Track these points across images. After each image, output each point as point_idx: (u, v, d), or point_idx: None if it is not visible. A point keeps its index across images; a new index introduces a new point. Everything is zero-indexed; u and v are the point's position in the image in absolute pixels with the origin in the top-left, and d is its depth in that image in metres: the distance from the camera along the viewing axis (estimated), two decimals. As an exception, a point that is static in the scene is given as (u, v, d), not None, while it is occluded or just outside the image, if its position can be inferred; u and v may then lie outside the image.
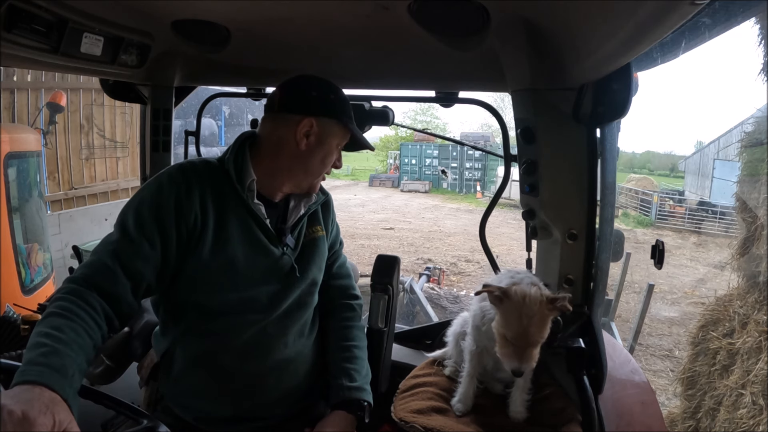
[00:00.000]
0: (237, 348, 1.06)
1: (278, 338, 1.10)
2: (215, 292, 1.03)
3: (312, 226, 1.21)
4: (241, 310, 1.05)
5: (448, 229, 11.86)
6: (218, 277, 1.03)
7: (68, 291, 0.88)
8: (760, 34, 2.79)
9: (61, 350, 0.77)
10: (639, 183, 17.53)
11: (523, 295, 0.98)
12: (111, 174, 5.74)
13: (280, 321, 1.10)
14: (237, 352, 1.06)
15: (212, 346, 1.05)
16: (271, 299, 1.09)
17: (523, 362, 0.99)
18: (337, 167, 1.15)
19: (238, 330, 1.06)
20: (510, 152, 1.33)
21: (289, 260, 1.12)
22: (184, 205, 0.99)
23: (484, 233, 1.43)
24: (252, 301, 1.06)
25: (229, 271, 1.03)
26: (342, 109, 1.10)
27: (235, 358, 1.06)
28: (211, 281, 1.02)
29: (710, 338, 3.19)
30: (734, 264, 3.29)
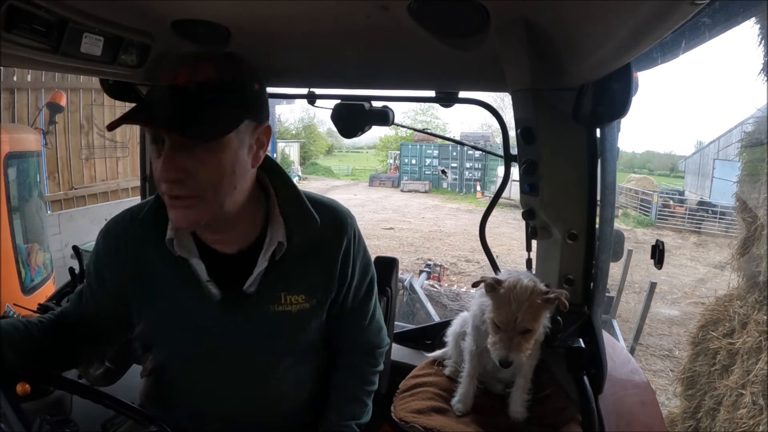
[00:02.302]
0: (199, 391, 0.96)
1: (243, 383, 0.94)
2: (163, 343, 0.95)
3: (285, 291, 0.90)
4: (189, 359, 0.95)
5: (448, 229, 11.86)
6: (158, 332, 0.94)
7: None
8: (760, 34, 2.79)
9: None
10: (639, 183, 17.53)
11: (514, 282, 1.00)
12: (111, 174, 5.74)
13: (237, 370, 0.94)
14: (199, 396, 0.96)
15: (178, 388, 0.98)
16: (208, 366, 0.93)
17: (511, 351, 0.99)
18: (157, 178, 0.77)
19: (192, 375, 0.95)
20: (510, 152, 1.33)
21: (232, 338, 0.90)
22: (111, 273, 0.93)
23: (484, 233, 1.43)
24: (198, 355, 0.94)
25: (153, 339, 0.95)
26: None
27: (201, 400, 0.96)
28: (156, 334, 0.95)
29: (710, 338, 3.19)
30: (734, 264, 3.29)
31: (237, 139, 0.79)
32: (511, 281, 1.02)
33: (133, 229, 0.92)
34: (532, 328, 1.01)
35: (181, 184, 0.76)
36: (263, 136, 0.85)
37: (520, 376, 1.13)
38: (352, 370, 1.05)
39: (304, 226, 0.91)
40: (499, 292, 1.02)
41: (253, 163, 0.85)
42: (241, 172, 0.82)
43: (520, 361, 1.02)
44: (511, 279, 1.02)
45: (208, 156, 0.76)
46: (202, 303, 0.88)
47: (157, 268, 0.89)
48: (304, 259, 0.92)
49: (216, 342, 0.90)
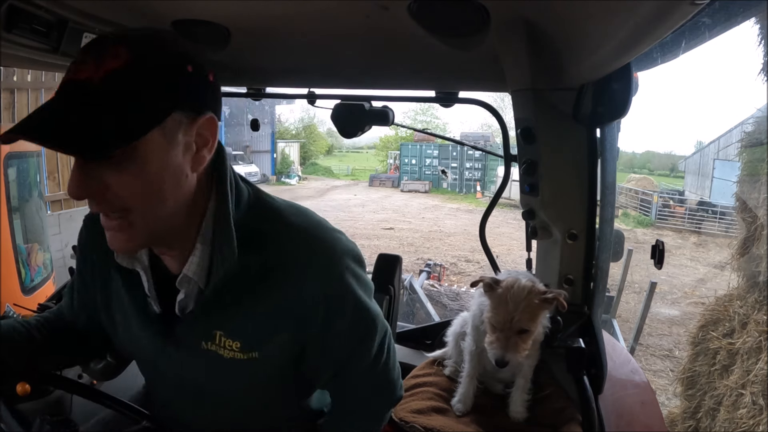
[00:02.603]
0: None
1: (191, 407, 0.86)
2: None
3: (221, 330, 0.73)
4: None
5: (448, 229, 11.86)
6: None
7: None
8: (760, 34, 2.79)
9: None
10: (639, 183, 17.52)
11: (512, 282, 1.00)
12: (111, 174, 5.73)
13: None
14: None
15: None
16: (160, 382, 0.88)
17: (507, 351, 1.00)
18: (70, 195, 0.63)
19: (150, 384, 0.94)
20: (510, 152, 1.33)
21: (169, 363, 0.80)
22: (86, 280, 0.89)
23: (484, 233, 1.43)
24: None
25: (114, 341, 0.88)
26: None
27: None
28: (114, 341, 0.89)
29: (710, 338, 3.19)
30: (734, 264, 3.29)
31: (163, 139, 0.63)
32: (509, 281, 1.02)
33: (93, 234, 0.83)
34: (529, 329, 1.01)
35: (100, 202, 0.63)
36: (206, 130, 0.67)
37: (520, 376, 1.13)
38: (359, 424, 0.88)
39: (222, 260, 0.70)
40: (497, 292, 1.02)
41: (194, 167, 0.68)
42: (174, 179, 0.65)
43: (517, 360, 1.02)
44: (509, 279, 1.03)
45: (126, 166, 0.61)
46: (144, 320, 0.79)
47: (115, 273, 0.81)
48: (246, 300, 0.72)
49: (156, 359, 0.81)
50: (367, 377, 0.84)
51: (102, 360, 1.18)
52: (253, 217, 0.74)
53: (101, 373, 1.19)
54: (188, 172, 0.68)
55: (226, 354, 0.74)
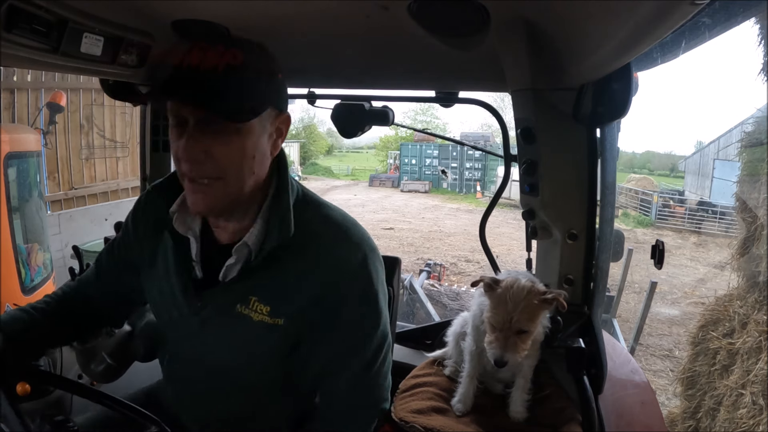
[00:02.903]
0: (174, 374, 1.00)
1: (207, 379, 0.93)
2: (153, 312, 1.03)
3: (257, 296, 0.84)
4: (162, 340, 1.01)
5: (448, 229, 11.87)
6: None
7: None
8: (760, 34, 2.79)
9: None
10: (639, 183, 17.53)
11: (512, 283, 1.00)
12: (111, 174, 5.74)
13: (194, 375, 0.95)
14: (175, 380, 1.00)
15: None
16: (180, 345, 0.96)
17: (506, 351, 1.00)
18: (178, 160, 0.78)
19: (171, 351, 1.00)
20: (510, 152, 1.33)
21: (197, 324, 0.89)
22: (131, 243, 1.00)
23: (484, 233, 1.43)
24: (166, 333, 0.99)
25: (149, 300, 1.00)
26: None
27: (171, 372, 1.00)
28: (152, 306, 1.02)
29: (710, 338, 3.19)
30: (734, 264, 3.29)
31: (260, 125, 0.79)
32: (509, 281, 1.02)
33: (155, 202, 0.95)
34: (528, 329, 1.01)
35: (201, 165, 0.76)
36: (283, 125, 0.85)
37: (520, 376, 1.13)
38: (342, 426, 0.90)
39: (279, 231, 0.83)
40: (497, 292, 1.02)
41: (272, 151, 0.84)
42: (260, 158, 0.81)
43: (516, 361, 1.03)
44: (509, 279, 1.03)
45: (232, 139, 0.76)
46: (185, 282, 0.89)
47: (167, 239, 0.92)
48: (284, 272, 0.84)
49: (188, 322, 0.90)
50: (358, 379, 0.88)
51: (102, 362, 1.19)
52: (298, 204, 0.87)
53: (101, 375, 1.19)
54: (269, 155, 0.84)
55: (256, 317, 0.84)
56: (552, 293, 1.00)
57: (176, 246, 0.90)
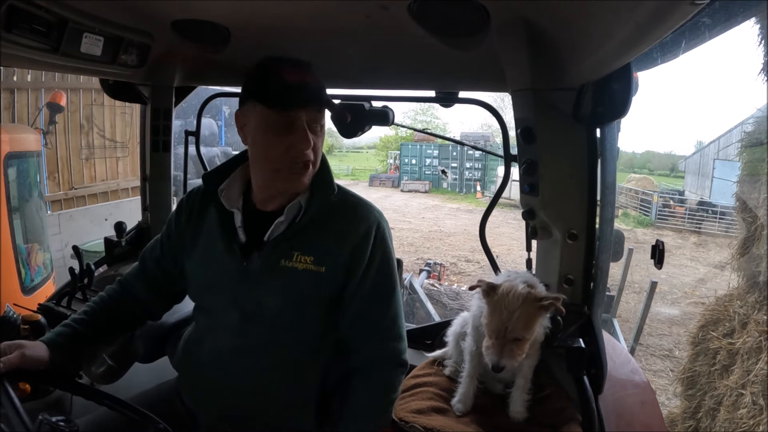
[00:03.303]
0: (209, 350, 1.06)
1: (239, 357, 1.02)
2: (193, 295, 1.14)
3: (298, 250, 1.00)
4: (203, 316, 1.11)
5: (448, 229, 11.87)
6: (189, 283, 1.11)
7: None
8: (760, 34, 2.79)
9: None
10: (639, 183, 17.53)
11: (508, 290, 1.00)
12: (111, 174, 5.74)
13: (237, 339, 1.03)
14: (210, 355, 1.05)
15: (197, 344, 1.10)
16: (224, 311, 1.04)
17: (502, 357, 1.00)
18: (300, 150, 0.95)
19: (205, 333, 1.09)
20: (510, 152, 1.33)
21: (244, 282, 1.01)
22: (173, 233, 1.13)
23: (484, 233, 1.43)
24: (208, 310, 1.09)
25: (192, 278, 1.10)
26: (260, 85, 0.97)
27: (209, 360, 1.05)
28: (189, 287, 1.13)
29: (710, 338, 3.19)
30: (734, 264, 3.29)
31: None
32: (505, 288, 1.01)
33: (205, 190, 1.10)
34: (523, 337, 1.01)
35: (312, 153, 0.97)
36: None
37: (520, 376, 1.13)
38: (368, 375, 1.02)
39: (323, 193, 1.03)
40: (493, 299, 1.01)
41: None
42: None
43: (513, 366, 1.03)
44: (506, 285, 1.02)
45: (322, 132, 1.00)
46: (231, 247, 1.02)
47: (210, 216, 1.06)
48: (323, 228, 1.01)
49: (234, 286, 1.02)
50: (384, 330, 1.04)
51: (103, 363, 1.19)
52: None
53: (102, 377, 1.19)
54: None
55: (300, 266, 0.99)
56: (549, 299, 1.00)
57: (221, 219, 1.04)
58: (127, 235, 1.81)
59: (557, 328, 1.10)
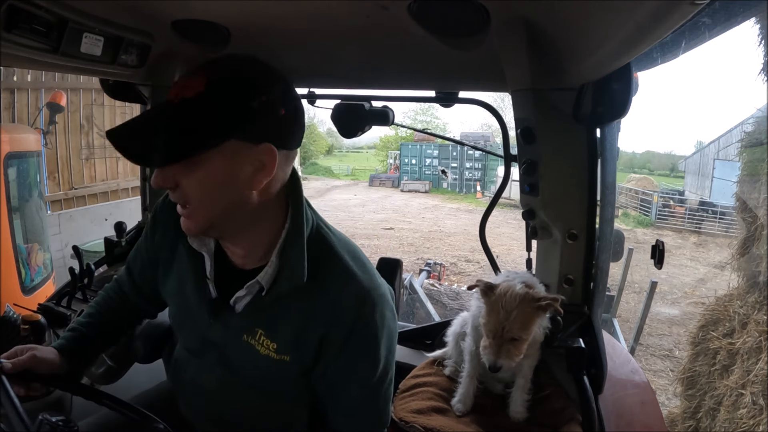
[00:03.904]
0: (191, 379, 0.98)
1: (220, 393, 0.93)
2: (170, 318, 1.03)
3: (262, 329, 0.85)
4: (181, 343, 1.02)
5: (448, 229, 11.87)
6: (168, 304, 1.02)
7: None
8: (760, 34, 2.79)
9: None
10: (639, 183, 17.52)
11: (506, 290, 1.00)
12: (111, 174, 5.73)
13: (216, 379, 0.93)
14: (193, 385, 0.98)
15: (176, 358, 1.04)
16: (201, 349, 0.95)
17: (499, 357, 1.00)
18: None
19: (187, 359, 1.00)
20: (510, 152, 1.33)
21: (216, 335, 0.89)
22: (150, 247, 1.02)
23: (484, 233, 1.43)
24: (185, 341, 1.00)
25: (168, 303, 1.01)
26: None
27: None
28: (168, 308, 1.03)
29: (710, 338, 3.19)
30: (734, 264, 3.29)
31: (221, 157, 0.74)
32: (503, 288, 1.01)
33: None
34: (520, 337, 1.01)
35: (174, 193, 0.79)
36: (265, 157, 0.76)
37: (520, 376, 1.13)
38: None
39: (291, 277, 0.82)
40: (491, 299, 1.02)
41: (251, 186, 0.78)
42: (225, 191, 0.77)
43: (510, 366, 1.03)
44: (503, 285, 1.02)
45: (188, 171, 0.75)
46: (201, 299, 0.90)
47: (183, 252, 0.92)
48: (290, 310, 0.83)
49: (204, 339, 0.92)
50: (358, 417, 0.88)
51: (103, 364, 1.19)
52: (312, 245, 0.85)
53: (102, 377, 1.19)
54: (245, 190, 0.78)
55: (262, 351, 0.85)
56: (547, 300, 1.00)
57: (191, 260, 0.90)
58: (127, 235, 1.81)
59: (557, 328, 1.10)
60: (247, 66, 0.77)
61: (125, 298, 1.10)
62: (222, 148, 0.74)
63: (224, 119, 0.74)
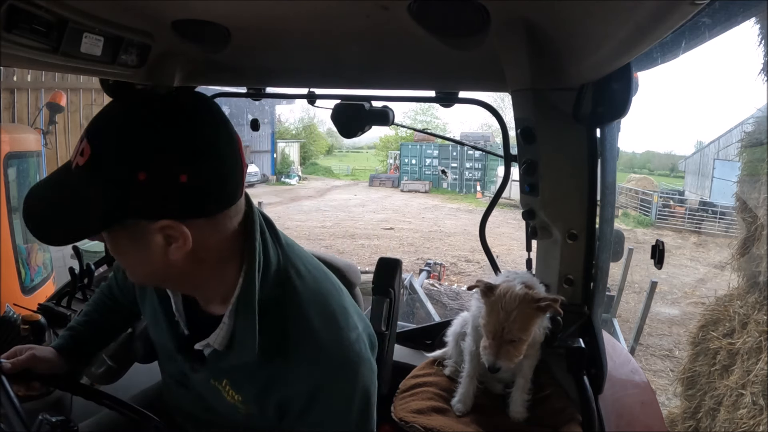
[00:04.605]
0: (178, 400, 0.97)
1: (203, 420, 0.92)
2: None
3: (228, 378, 0.81)
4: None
5: (448, 229, 11.86)
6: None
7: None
8: (760, 34, 2.79)
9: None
10: (639, 183, 17.52)
11: (505, 290, 1.00)
12: (111, 174, 5.73)
13: (199, 403, 0.92)
14: (180, 406, 0.98)
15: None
16: (181, 377, 0.93)
17: (498, 358, 1.01)
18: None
19: (171, 391, 0.99)
20: (510, 152, 1.33)
21: (191, 371, 0.86)
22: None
23: (484, 233, 1.43)
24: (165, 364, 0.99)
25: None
26: None
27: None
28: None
29: (710, 338, 3.19)
30: (734, 264, 3.29)
31: (125, 233, 0.68)
32: (503, 289, 1.01)
33: None
34: (520, 338, 1.01)
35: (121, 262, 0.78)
36: (171, 232, 0.67)
37: (520, 376, 1.13)
38: None
39: (242, 352, 0.76)
40: (491, 299, 1.02)
41: (172, 257, 0.69)
42: (144, 264, 0.72)
43: (509, 367, 1.03)
44: (503, 286, 1.02)
45: (109, 242, 0.71)
46: (173, 334, 0.87)
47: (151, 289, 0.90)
48: (258, 373, 0.78)
49: (180, 371, 0.91)
50: None
51: (103, 364, 1.19)
52: (276, 296, 0.77)
53: (102, 377, 1.19)
54: (168, 261, 0.70)
55: (229, 399, 0.82)
56: (547, 300, 1.00)
57: (159, 296, 0.87)
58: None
59: (557, 328, 1.10)
60: (135, 124, 0.64)
61: (116, 299, 1.12)
62: (122, 225, 0.67)
63: (111, 196, 0.64)
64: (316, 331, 0.76)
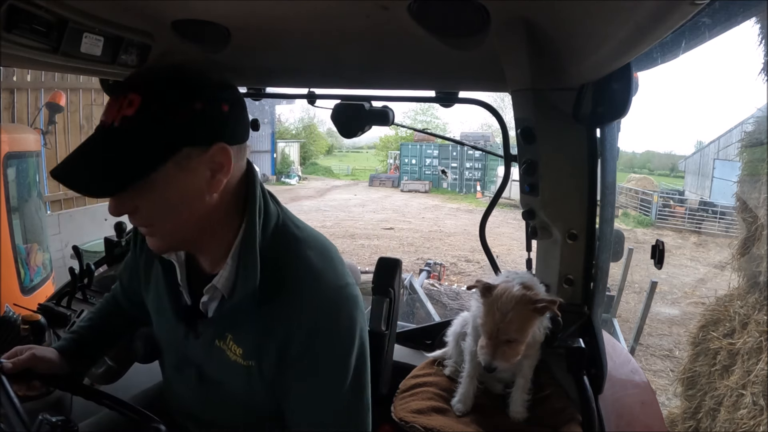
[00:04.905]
0: (177, 397, 0.99)
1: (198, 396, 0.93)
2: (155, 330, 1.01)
3: (231, 334, 0.83)
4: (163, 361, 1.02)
5: (448, 229, 11.86)
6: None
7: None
8: (760, 34, 2.79)
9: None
10: (639, 183, 17.52)
11: (503, 291, 1.00)
12: (111, 174, 5.73)
13: (198, 395, 0.93)
14: (179, 402, 0.99)
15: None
16: (182, 366, 0.93)
17: (495, 358, 1.01)
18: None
19: (171, 373, 1.00)
20: (510, 152, 1.33)
21: (193, 347, 0.88)
22: (134, 259, 1.03)
23: (484, 233, 1.43)
24: (165, 357, 1.00)
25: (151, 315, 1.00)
26: None
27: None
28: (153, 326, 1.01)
29: (710, 338, 3.19)
30: (734, 264, 3.29)
31: (177, 169, 0.73)
32: (501, 289, 1.01)
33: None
34: (516, 339, 1.01)
35: (133, 217, 0.77)
36: (219, 157, 0.75)
37: (520, 376, 1.13)
38: None
39: (246, 281, 0.78)
40: (489, 299, 1.02)
41: (212, 189, 0.76)
42: (189, 201, 0.76)
43: (505, 367, 1.03)
44: (501, 287, 1.02)
45: (146, 193, 0.73)
46: (176, 308, 0.90)
47: (157, 263, 0.93)
48: (251, 315, 0.80)
49: (183, 356, 0.92)
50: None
51: (103, 364, 1.19)
52: (275, 244, 0.82)
53: (102, 377, 1.19)
54: (207, 195, 0.77)
55: (231, 356, 0.83)
56: (544, 301, 0.99)
57: (165, 270, 0.90)
58: (127, 235, 1.81)
59: (557, 328, 1.10)
60: (175, 72, 0.74)
61: (119, 305, 1.14)
62: (175, 160, 0.72)
63: (171, 129, 0.71)
64: (316, 269, 0.81)
